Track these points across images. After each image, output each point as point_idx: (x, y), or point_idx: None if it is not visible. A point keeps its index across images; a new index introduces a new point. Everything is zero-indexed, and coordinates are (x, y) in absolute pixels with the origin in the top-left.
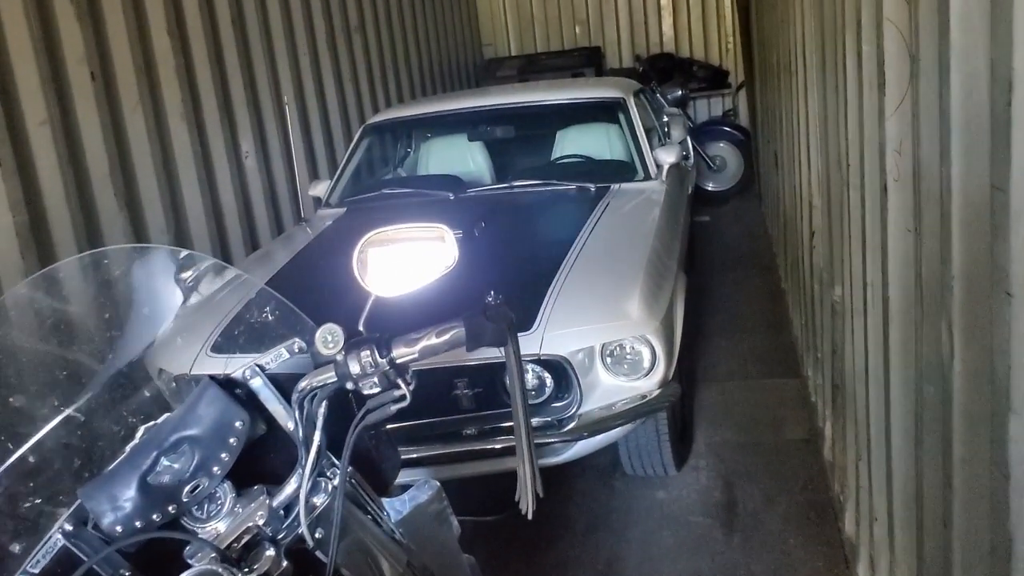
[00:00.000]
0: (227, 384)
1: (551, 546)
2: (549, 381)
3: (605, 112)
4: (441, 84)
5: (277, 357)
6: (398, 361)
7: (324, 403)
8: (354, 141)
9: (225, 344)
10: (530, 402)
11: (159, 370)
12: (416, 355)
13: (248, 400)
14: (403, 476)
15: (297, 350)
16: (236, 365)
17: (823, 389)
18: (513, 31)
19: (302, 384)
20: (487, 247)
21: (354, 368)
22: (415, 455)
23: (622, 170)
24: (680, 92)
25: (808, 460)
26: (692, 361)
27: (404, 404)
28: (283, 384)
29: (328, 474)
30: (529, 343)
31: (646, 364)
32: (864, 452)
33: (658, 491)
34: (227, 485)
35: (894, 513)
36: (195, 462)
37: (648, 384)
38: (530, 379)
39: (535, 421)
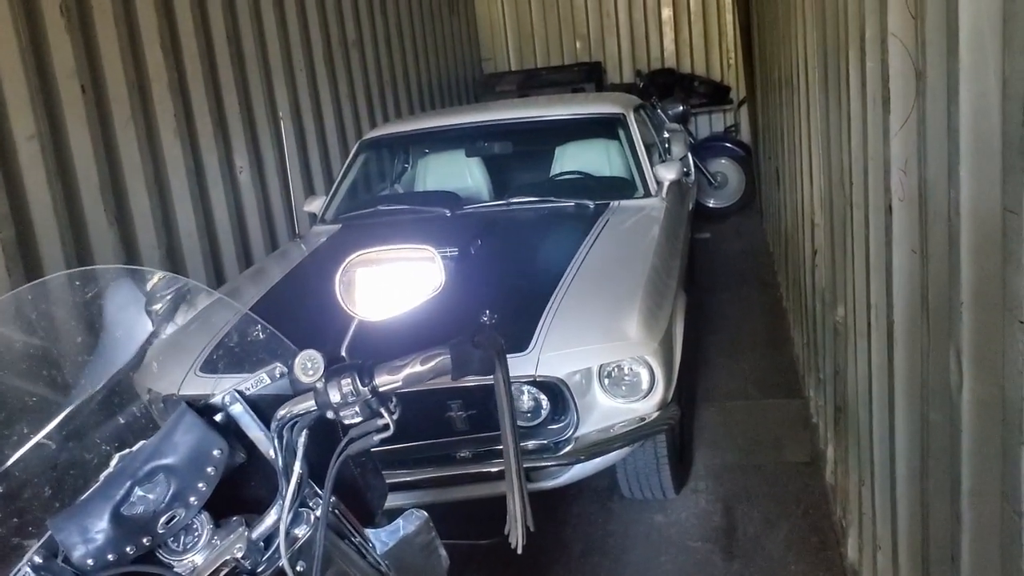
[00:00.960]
0: (205, 410)
1: (546, 570)
2: (545, 403)
3: (605, 128)
4: (440, 99)
5: (258, 383)
6: (381, 389)
7: (305, 432)
8: (350, 157)
9: (214, 365)
10: (525, 424)
11: (148, 390)
12: (400, 383)
13: (227, 427)
14: (395, 499)
15: (279, 375)
16: (226, 385)
17: (825, 411)
18: (513, 46)
19: (281, 412)
20: (483, 265)
21: (334, 397)
22: (407, 478)
23: (622, 187)
24: (681, 108)
25: (810, 483)
26: (692, 380)
27: (387, 434)
28: (265, 410)
29: (310, 504)
30: (524, 364)
31: (644, 386)
32: (868, 478)
33: (656, 515)
34: (205, 516)
35: (899, 543)
36: (171, 492)
37: (646, 406)
38: (525, 401)
39: (530, 444)
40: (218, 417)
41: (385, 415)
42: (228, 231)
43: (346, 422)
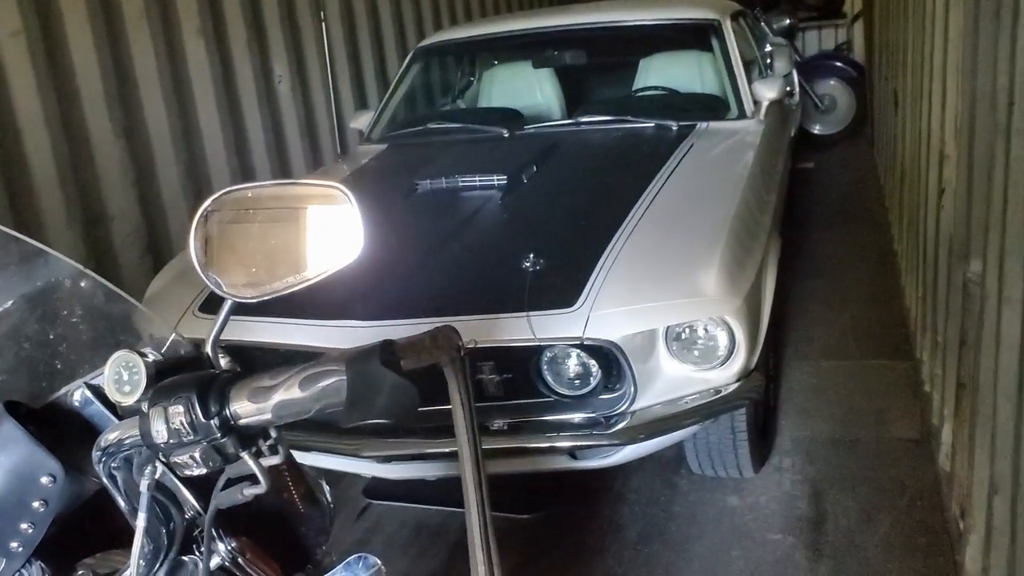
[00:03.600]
0: (36, 417)
1: (595, 557)
2: (595, 368)
3: (696, 36)
4: (507, 1)
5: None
6: (239, 422)
7: (150, 469)
8: (403, 66)
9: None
10: (570, 393)
11: None
12: (268, 417)
13: (78, 438)
14: (414, 471)
15: (151, 357)
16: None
17: (942, 382)
18: None
19: (104, 439)
20: (535, 197)
21: (158, 430)
22: (430, 449)
23: (712, 106)
24: (788, 21)
25: (918, 467)
26: (781, 333)
27: (260, 491)
28: None
29: (198, 551)
30: (570, 323)
31: (722, 351)
32: (1006, 485)
33: (730, 496)
34: (37, 568)
35: None
36: None
37: (723, 376)
38: (571, 365)
39: (575, 417)
40: (57, 427)
41: (251, 464)
42: (262, 149)
43: (183, 473)
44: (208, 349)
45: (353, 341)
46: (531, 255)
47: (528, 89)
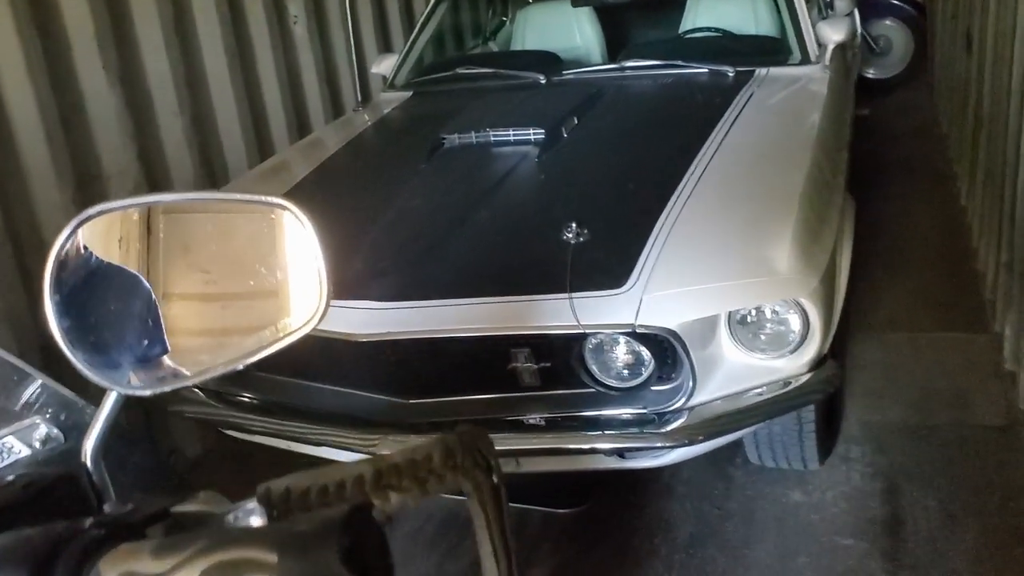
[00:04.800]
0: None
1: (642, 561)
2: (647, 357)
3: None
4: None
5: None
6: None
7: None
8: (430, 6)
9: None
10: (619, 385)
11: None
12: None
13: None
14: None
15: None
16: None
17: None
18: None
19: None
20: (577, 154)
21: None
22: None
23: (772, 49)
24: None
25: (1008, 461)
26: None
27: None
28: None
29: None
30: (620, 307)
31: (794, 337)
32: None
33: (793, 490)
34: None
35: None
36: None
37: (794, 365)
38: (620, 353)
39: (624, 413)
40: None
41: None
42: (276, 96)
43: None
44: (87, 460)
45: (368, 326)
46: (573, 224)
47: (566, 30)
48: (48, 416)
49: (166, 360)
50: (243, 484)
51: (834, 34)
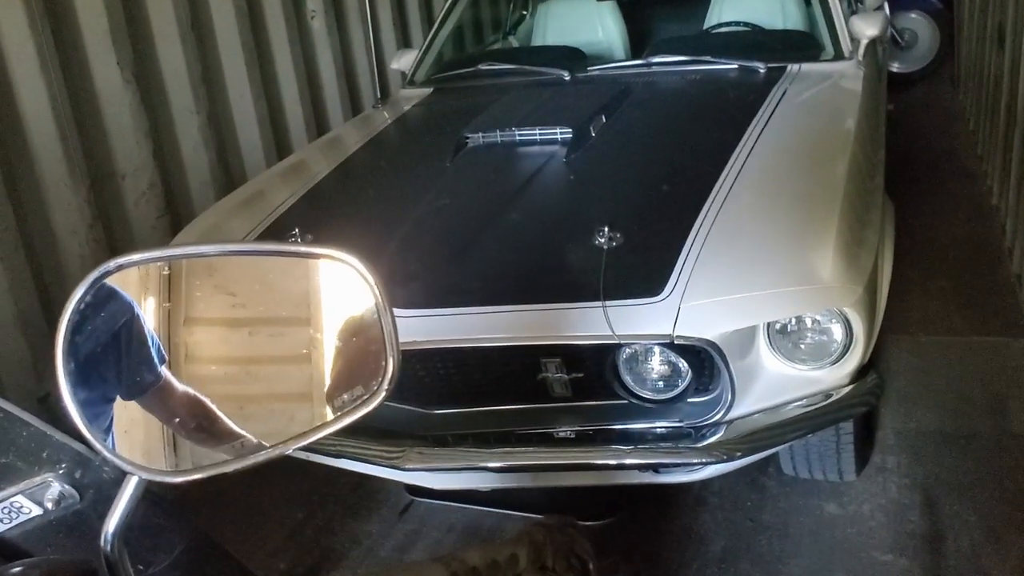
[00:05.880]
0: None
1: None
2: (684, 368)
3: None
4: None
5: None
6: None
7: None
8: (450, 0)
9: None
10: (655, 397)
11: None
12: None
13: None
14: (469, 482)
15: (51, 502)
16: None
17: None
18: None
19: None
20: (606, 154)
21: None
22: (488, 464)
23: (803, 45)
24: None
25: None
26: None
27: None
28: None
29: None
30: (657, 317)
31: (836, 347)
32: None
33: (828, 502)
34: None
35: None
36: None
37: (835, 376)
38: (656, 364)
39: (659, 427)
40: None
41: None
42: (294, 93)
43: None
44: (107, 545)
45: None
46: (605, 228)
47: (588, 25)
48: (61, 473)
49: (197, 441)
50: (259, 496)
51: (868, 28)
